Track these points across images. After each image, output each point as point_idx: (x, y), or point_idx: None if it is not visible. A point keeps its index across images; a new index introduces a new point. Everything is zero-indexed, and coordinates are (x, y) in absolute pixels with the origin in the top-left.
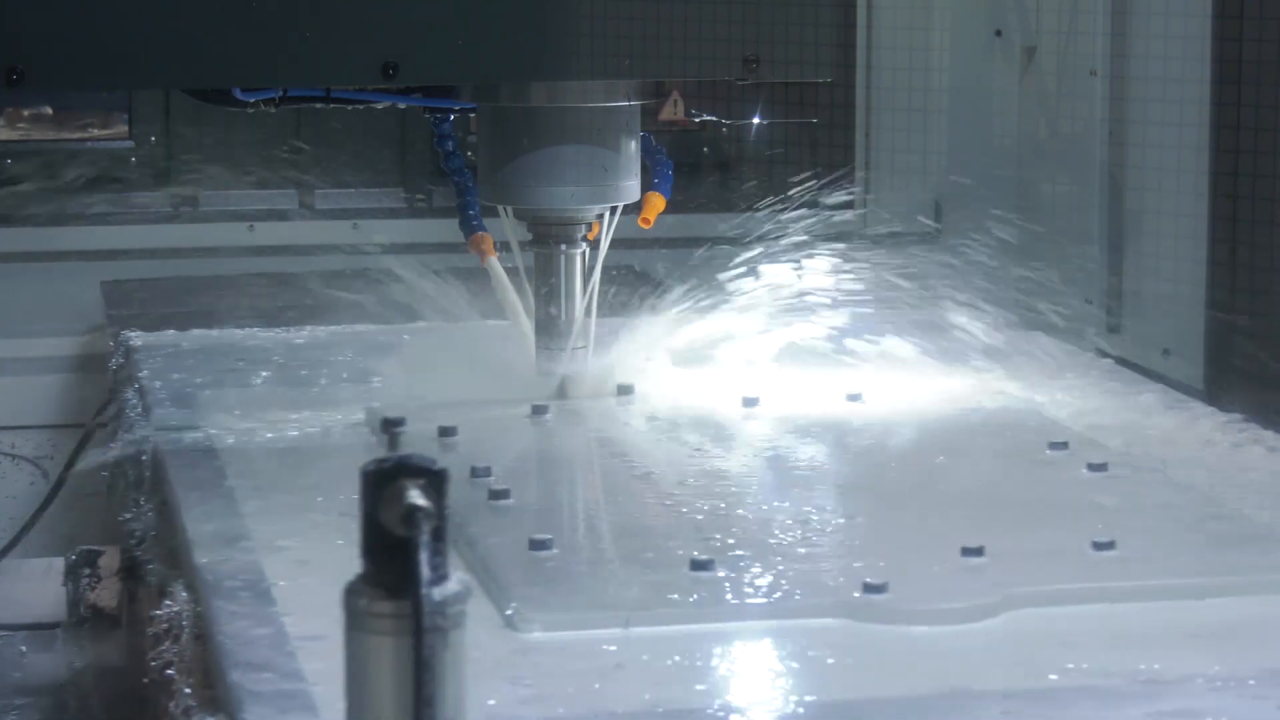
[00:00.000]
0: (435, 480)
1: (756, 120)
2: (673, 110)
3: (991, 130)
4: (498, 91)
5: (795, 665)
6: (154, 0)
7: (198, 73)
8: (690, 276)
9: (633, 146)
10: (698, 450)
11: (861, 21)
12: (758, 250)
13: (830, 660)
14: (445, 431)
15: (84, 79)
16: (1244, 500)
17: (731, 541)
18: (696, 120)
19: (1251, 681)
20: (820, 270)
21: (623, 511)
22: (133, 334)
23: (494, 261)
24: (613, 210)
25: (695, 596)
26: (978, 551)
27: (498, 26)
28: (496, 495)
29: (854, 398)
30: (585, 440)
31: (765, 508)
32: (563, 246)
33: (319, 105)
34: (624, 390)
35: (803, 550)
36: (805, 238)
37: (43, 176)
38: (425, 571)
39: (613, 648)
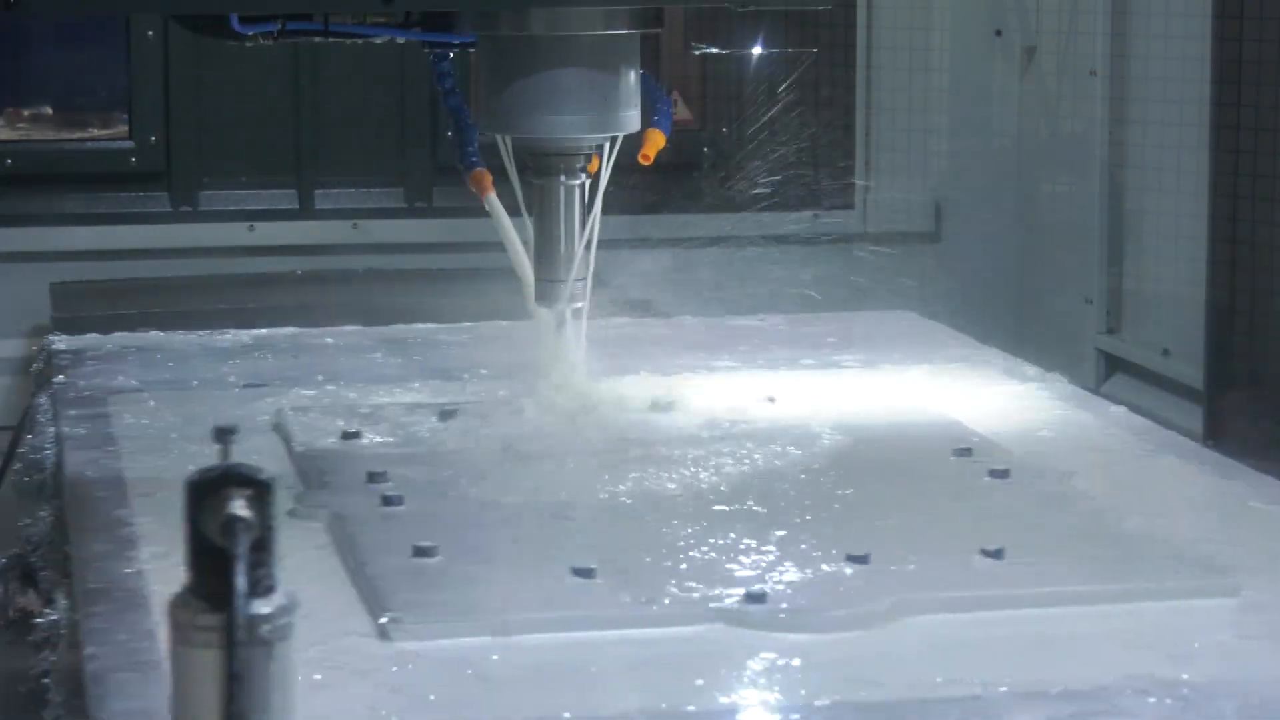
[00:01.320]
0: (261, 490)
1: (758, 50)
2: (673, 109)
3: (991, 130)
4: (497, 19)
5: (668, 674)
6: None
7: None
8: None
9: (632, 77)
10: (599, 453)
11: (861, 22)
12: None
13: (704, 669)
14: (348, 436)
15: (79, 4)
16: (1145, 511)
17: (618, 547)
18: (697, 53)
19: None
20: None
21: (515, 517)
22: (55, 337)
23: (493, 198)
24: (612, 142)
25: (574, 604)
26: (863, 559)
27: None
28: (389, 501)
29: (768, 401)
30: (490, 444)
31: (657, 513)
32: (562, 178)
33: (317, 40)
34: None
35: (689, 557)
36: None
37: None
38: (242, 584)
39: (489, 656)
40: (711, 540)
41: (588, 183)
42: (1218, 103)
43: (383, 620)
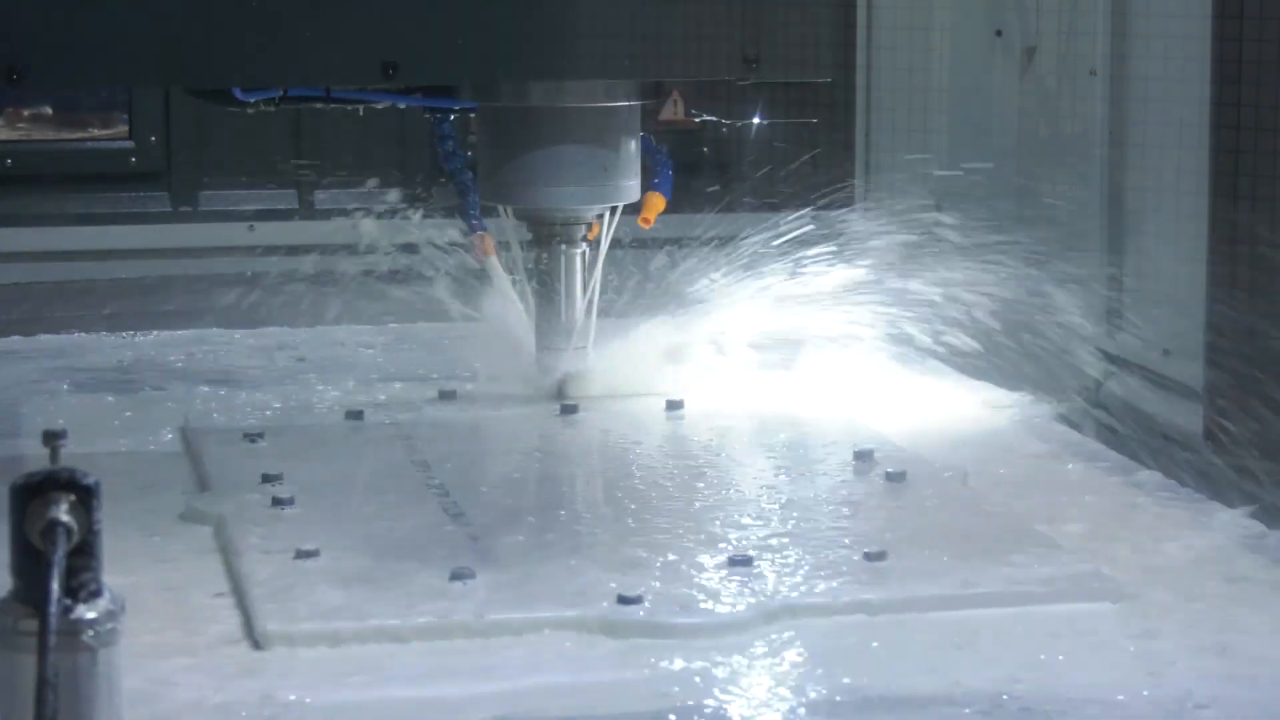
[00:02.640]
0: (85, 495)
1: (756, 120)
2: (673, 110)
3: (991, 130)
4: (498, 91)
5: (535, 680)
6: (154, 0)
7: (198, 72)
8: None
9: (633, 146)
10: (498, 458)
11: (861, 21)
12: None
13: (570, 675)
14: (251, 436)
15: (83, 78)
16: (1040, 515)
17: (503, 549)
18: (697, 120)
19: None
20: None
21: (405, 521)
22: None
23: (494, 261)
24: (613, 210)
25: (448, 610)
26: (746, 561)
27: (497, 26)
28: (280, 503)
29: (675, 405)
30: (391, 448)
31: (544, 517)
32: (563, 246)
33: (319, 105)
34: (446, 396)
35: (569, 561)
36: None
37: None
38: (55, 588)
39: (359, 661)
40: (596, 544)
41: (588, 250)
42: (1218, 103)
43: (253, 625)
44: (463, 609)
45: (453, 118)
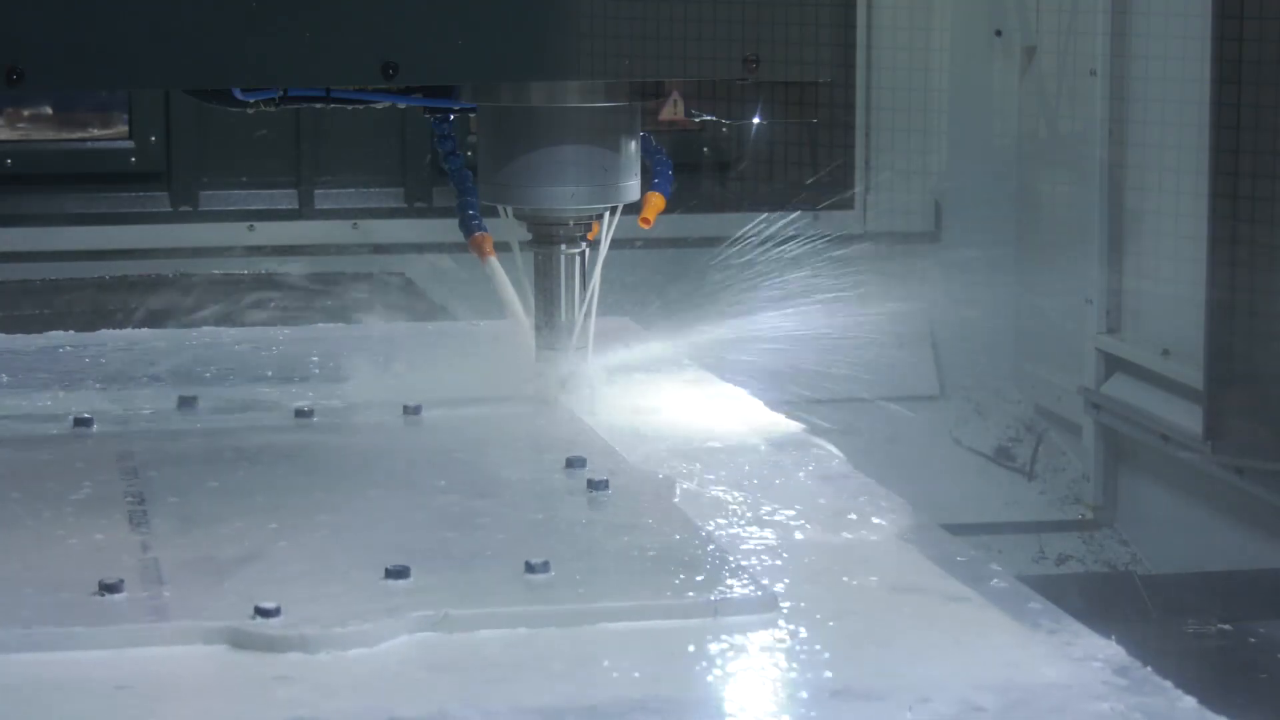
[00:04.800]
0: None
1: (756, 120)
2: (673, 110)
3: (991, 130)
4: (498, 91)
5: (155, 698)
6: (154, 0)
7: (197, 73)
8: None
9: (633, 146)
10: (210, 466)
11: (861, 21)
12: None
13: (193, 692)
14: None
15: (83, 79)
16: (738, 523)
17: (163, 562)
18: (696, 120)
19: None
20: None
21: (80, 532)
22: None
23: (494, 261)
24: (613, 210)
25: (74, 620)
26: (402, 573)
27: (498, 26)
28: None
29: (412, 410)
30: (105, 456)
31: (223, 527)
32: (562, 246)
33: (319, 105)
34: (185, 401)
35: (225, 572)
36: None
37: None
38: None
39: None
40: (261, 553)
41: (587, 250)
42: (1218, 103)
43: None
44: (94, 620)
45: (452, 118)
